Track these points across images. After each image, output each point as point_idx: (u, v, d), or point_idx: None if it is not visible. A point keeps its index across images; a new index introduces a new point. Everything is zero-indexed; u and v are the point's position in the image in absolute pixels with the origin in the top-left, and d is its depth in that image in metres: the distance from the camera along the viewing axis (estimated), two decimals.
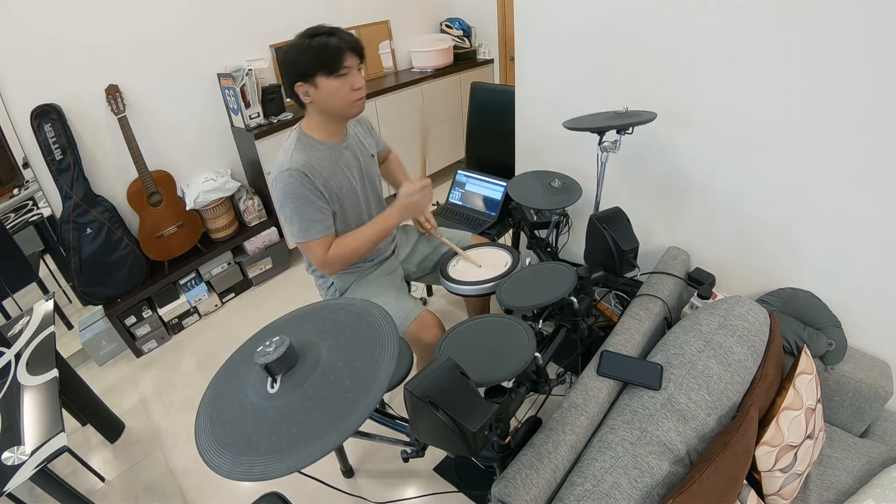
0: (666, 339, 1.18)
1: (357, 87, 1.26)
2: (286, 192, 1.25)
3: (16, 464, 1.15)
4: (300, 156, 1.27)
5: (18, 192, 2.05)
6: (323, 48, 1.19)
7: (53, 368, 1.43)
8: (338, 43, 1.20)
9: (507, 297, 1.23)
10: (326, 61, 1.20)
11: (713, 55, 1.29)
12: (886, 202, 1.16)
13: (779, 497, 1.07)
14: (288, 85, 1.27)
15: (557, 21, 1.60)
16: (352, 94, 1.25)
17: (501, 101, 2.09)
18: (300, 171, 1.24)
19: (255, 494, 1.11)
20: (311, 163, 1.27)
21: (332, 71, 1.21)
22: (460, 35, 3.51)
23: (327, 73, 1.21)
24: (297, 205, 1.25)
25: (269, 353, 0.77)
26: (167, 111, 2.40)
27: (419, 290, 2.48)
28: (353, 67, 1.24)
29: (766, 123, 1.27)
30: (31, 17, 1.92)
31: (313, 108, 1.29)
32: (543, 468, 0.95)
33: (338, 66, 1.20)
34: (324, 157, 1.31)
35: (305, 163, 1.26)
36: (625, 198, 1.61)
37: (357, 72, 1.26)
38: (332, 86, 1.22)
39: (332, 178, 1.31)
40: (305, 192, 1.25)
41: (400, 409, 1.69)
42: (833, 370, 1.29)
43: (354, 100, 1.27)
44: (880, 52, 1.04)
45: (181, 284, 2.51)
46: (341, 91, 1.24)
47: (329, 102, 1.26)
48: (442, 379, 0.81)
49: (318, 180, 1.27)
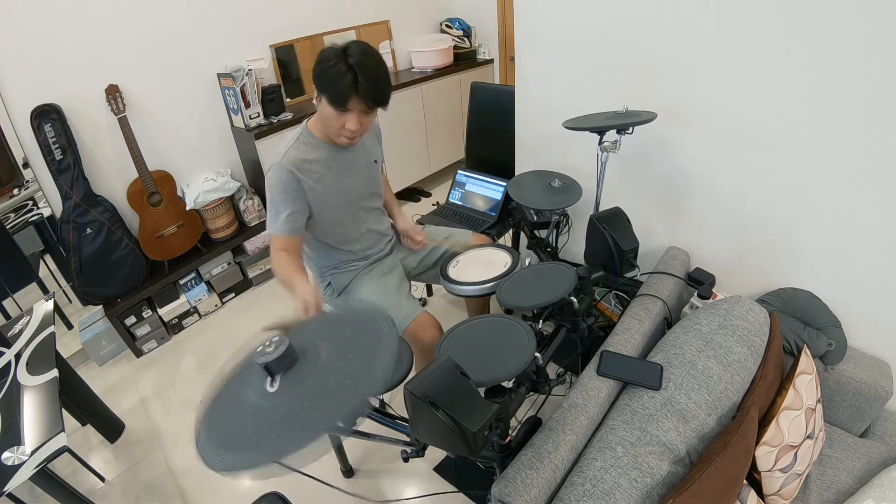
0: (666, 339, 1.18)
1: (349, 128, 1.23)
2: (270, 184, 1.29)
3: (16, 464, 1.15)
4: (295, 152, 1.29)
5: (18, 192, 2.05)
6: (335, 79, 1.16)
7: (53, 368, 1.43)
8: (351, 83, 1.15)
9: (507, 297, 1.23)
10: (330, 90, 1.18)
11: (713, 55, 1.29)
12: (886, 202, 1.16)
13: (779, 497, 1.07)
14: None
15: (557, 21, 1.60)
16: (342, 130, 1.24)
17: (501, 101, 2.09)
18: (288, 168, 1.27)
19: (255, 494, 1.11)
20: (303, 161, 1.29)
21: (333, 102, 1.19)
22: (460, 35, 3.51)
23: (328, 100, 1.20)
24: (276, 199, 1.28)
25: (268, 352, 0.77)
26: (167, 111, 2.40)
27: (419, 290, 2.48)
28: (354, 111, 1.20)
29: (766, 123, 1.27)
30: (31, 17, 1.92)
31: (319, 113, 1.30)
32: (543, 468, 0.95)
33: (339, 102, 1.18)
34: (320, 158, 1.32)
35: (297, 160, 1.28)
36: (625, 198, 1.61)
37: (360, 115, 1.22)
38: (328, 112, 1.22)
39: (323, 179, 1.33)
40: (285, 188, 1.27)
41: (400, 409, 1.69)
42: (833, 370, 1.29)
43: (341, 134, 1.26)
44: (880, 52, 1.04)
45: (181, 284, 2.51)
46: (334, 122, 1.23)
47: (324, 121, 1.28)
48: (442, 379, 0.81)
49: (308, 178, 1.29)
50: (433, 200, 3.47)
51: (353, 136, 1.27)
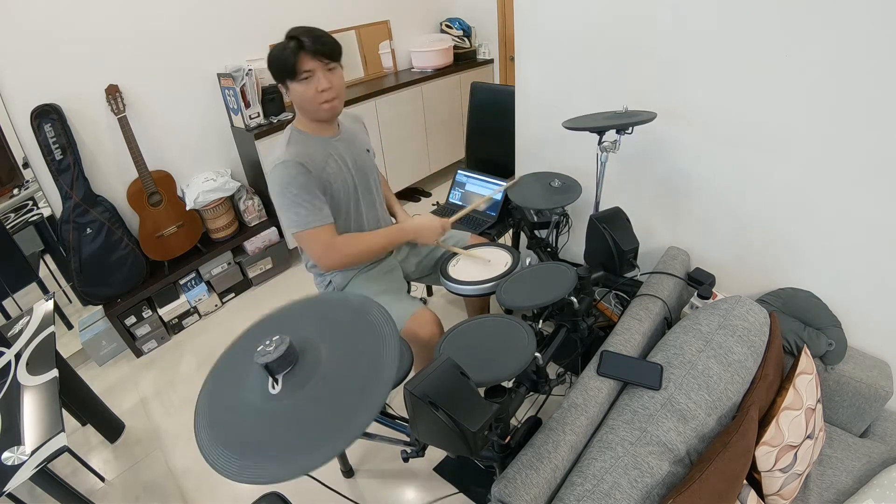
0: (666, 339, 1.18)
1: (322, 89, 1.24)
2: (283, 182, 1.25)
3: (16, 464, 1.15)
4: (294, 148, 1.28)
5: (18, 192, 2.05)
6: (280, 53, 1.21)
7: (53, 368, 1.43)
8: (294, 48, 1.20)
9: (507, 297, 1.23)
10: (285, 67, 1.22)
11: (713, 55, 1.29)
12: (886, 202, 1.16)
13: (779, 497, 1.07)
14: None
15: (557, 21, 1.60)
16: (318, 97, 1.25)
17: (501, 101, 2.09)
18: (297, 162, 1.24)
19: (255, 494, 1.11)
20: (305, 154, 1.28)
21: (292, 76, 1.22)
22: (460, 35, 3.51)
23: (290, 78, 1.23)
24: (295, 194, 1.25)
25: (269, 352, 0.76)
26: (167, 111, 2.40)
27: (419, 290, 2.48)
28: (315, 70, 1.23)
29: (766, 123, 1.27)
30: (31, 17, 1.92)
31: (296, 107, 1.32)
32: (543, 468, 0.95)
33: (296, 71, 1.21)
34: (316, 150, 1.32)
35: (301, 153, 1.27)
36: (625, 198, 1.61)
37: (324, 73, 1.24)
38: (297, 90, 1.25)
39: (325, 169, 1.32)
40: (303, 180, 1.25)
41: (400, 409, 1.69)
42: (833, 370, 1.29)
43: (320, 102, 1.26)
44: (880, 52, 1.04)
45: (181, 284, 2.51)
46: (306, 94, 1.25)
47: (300, 105, 1.29)
48: (442, 379, 0.81)
49: (313, 170, 1.28)
50: (433, 200, 3.47)
51: (332, 98, 1.27)
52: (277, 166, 1.25)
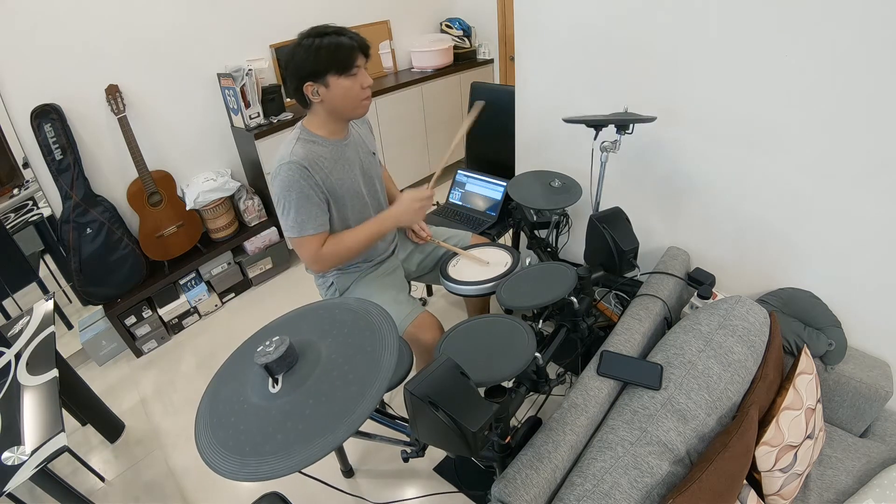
0: (666, 339, 1.18)
1: (366, 86, 1.28)
2: (285, 185, 1.25)
3: (16, 464, 1.15)
4: (301, 149, 1.27)
5: (18, 192, 2.05)
6: (337, 48, 1.20)
7: (53, 368, 1.43)
8: (349, 42, 1.21)
9: (507, 297, 1.23)
10: (340, 60, 1.21)
11: (713, 55, 1.29)
12: (886, 202, 1.16)
13: (779, 497, 1.07)
14: (294, 85, 1.26)
15: (557, 21, 1.60)
16: (361, 93, 1.27)
17: (501, 101, 2.09)
18: (300, 165, 1.24)
19: (255, 494, 1.11)
20: (311, 157, 1.27)
21: (344, 70, 1.22)
22: (460, 35, 3.51)
23: (339, 73, 1.22)
24: (295, 198, 1.25)
25: (269, 352, 0.77)
26: (167, 111, 2.40)
27: (419, 290, 2.48)
28: (362, 67, 1.26)
29: (766, 123, 1.27)
30: (31, 17, 1.92)
31: (321, 107, 1.29)
32: (543, 468, 0.95)
33: (350, 65, 1.22)
34: (325, 153, 1.31)
35: (306, 156, 1.26)
36: (625, 198, 1.60)
37: (365, 70, 1.27)
38: (343, 85, 1.24)
39: (332, 173, 1.31)
40: (304, 185, 1.25)
41: (400, 409, 1.69)
42: (833, 370, 1.29)
43: (362, 98, 1.29)
44: (879, 53, 1.04)
45: (181, 284, 2.51)
46: (352, 90, 1.25)
47: (339, 102, 1.27)
48: (442, 379, 0.81)
49: (317, 175, 1.27)
50: (433, 200, 3.46)
51: (370, 94, 1.31)
52: (282, 166, 1.25)
